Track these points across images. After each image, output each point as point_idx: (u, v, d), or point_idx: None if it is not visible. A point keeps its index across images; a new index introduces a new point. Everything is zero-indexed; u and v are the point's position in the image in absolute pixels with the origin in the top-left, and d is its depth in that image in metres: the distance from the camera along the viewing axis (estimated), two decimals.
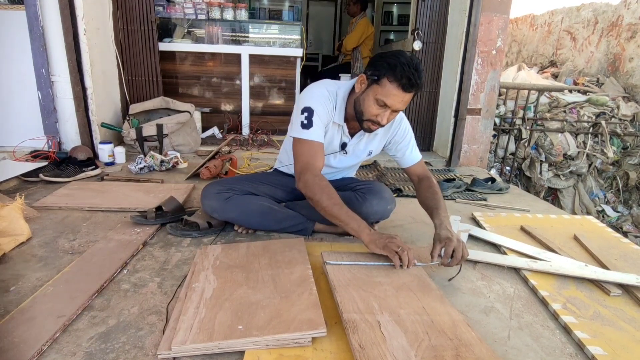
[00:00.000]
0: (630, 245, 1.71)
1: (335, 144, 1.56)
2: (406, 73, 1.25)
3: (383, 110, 1.33)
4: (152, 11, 2.99)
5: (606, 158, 3.54)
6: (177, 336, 0.93)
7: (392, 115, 1.37)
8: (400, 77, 1.26)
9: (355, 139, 1.55)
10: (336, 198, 1.32)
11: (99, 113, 2.74)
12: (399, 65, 1.26)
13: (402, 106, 1.34)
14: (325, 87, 1.45)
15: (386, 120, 1.36)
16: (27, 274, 1.26)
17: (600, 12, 4.35)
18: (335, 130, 1.52)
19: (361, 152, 1.60)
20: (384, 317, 1.03)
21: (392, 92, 1.28)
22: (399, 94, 1.28)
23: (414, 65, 1.27)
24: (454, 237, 1.28)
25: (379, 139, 1.59)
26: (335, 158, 1.61)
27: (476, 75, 2.96)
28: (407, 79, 1.26)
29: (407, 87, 1.27)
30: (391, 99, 1.30)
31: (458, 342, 0.96)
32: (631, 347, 1.05)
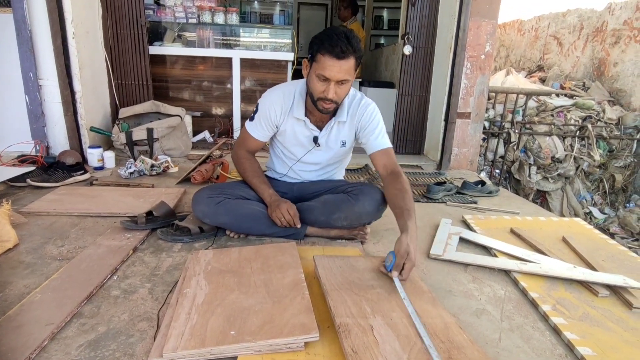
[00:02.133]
0: (617, 247, 1.74)
1: (302, 139, 1.60)
2: (334, 42, 1.31)
3: (326, 84, 1.37)
4: (142, 15, 2.97)
5: (593, 161, 3.60)
6: (168, 343, 0.92)
7: (340, 88, 1.39)
8: (330, 47, 1.32)
9: (324, 131, 1.58)
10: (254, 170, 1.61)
11: (88, 117, 2.71)
12: (327, 37, 1.33)
13: (343, 75, 1.35)
14: (282, 88, 1.58)
15: (332, 93, 1.37)
16: (14, 281, 1.23)
17: (586, 17, 4.44)
18: (298, 125, 1.57)
19: (334, 143, 1.61)
20: (376, 320, 1.03)
21: (327, 63, 1.33)
22: (334, 63, 1.33)
23: (342, 34, 1.33)
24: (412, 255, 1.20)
25: (348, 127, 1.59)
26: (312, 154, 1.63)
27: (465, 80, 3.00)
28: (337, 47, 1.31)
29: (340, 54, 1.32)
30: (328, 70, 1.34)
31: (450, 345, 0.96)
32: (619, 347, 1.07)
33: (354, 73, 1.39)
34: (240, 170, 1.65)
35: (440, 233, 1.76)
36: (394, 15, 6.33)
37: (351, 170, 2.82)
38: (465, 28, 2.84)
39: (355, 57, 1.36)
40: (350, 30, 1.37)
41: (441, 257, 1.53)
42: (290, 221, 1.51)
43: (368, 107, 1.58)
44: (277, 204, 1.52)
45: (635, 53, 3.78)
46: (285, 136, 1.61)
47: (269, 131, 1.61)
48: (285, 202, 1.52)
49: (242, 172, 1.64)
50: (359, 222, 1.59)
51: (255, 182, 1.60)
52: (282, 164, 1.73)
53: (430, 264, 1.51)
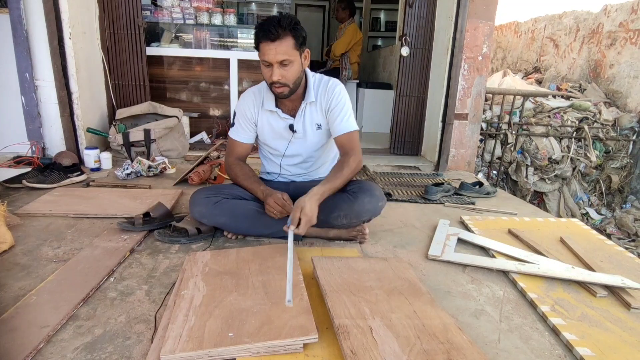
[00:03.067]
0: (615, 247, 1.74)
1: (279, 130, 1.62)
2: (265, 27, 1.36)
3: (271, 68, 1.42)
4: (139, 15, 2.96)
5: (589, 162, 3.62)
6: (165, 345, 0.91)
7: (284, 69, 1.41)
8: (262, 32, 1.38)
9: (298, 117, 1.59)
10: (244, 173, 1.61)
11: (84, 118, 2.70)
12: (260, 25, 1.39)
13: (281, 55, 1.38)
14: (252, 88, 1.66)
15: (277, 76, 1.41)
16: (10, 283, 1.22)
17: (582, 19, 4.46)
18: (271, 117, 1.61)
19: (310, 127, 1.61)
20: (375, 321, 1.03)
21: (264, 48, 1.39)
22: (269, 46, 1.38)
23: (274, 17, 1.38)
24: (307, 209, 1.32)
25: (318, 109, 1.59)
26: (293, 144, 1.64)
27: (463, 81, 3.00)
28: (266, 30, 1.36)
29: (271, 36, 1.36)
30: (266, 54, 1.39)
31: (449, 346, 0.96)
32: (618, 348, 1.07)
33: (295, 53, 1.41)
34: (233, 178, 1.65)
35: (439, 234, 1.75)
36: (391, 17, 6.35)
37: None
38: (463, 29, 2.85)
39: (292, 36, 1.39)
40: (286, 14, 1.42)
41: (439, 258, 1.53)
42: (282, 211, 1.45)
43: (335, 89, 1.58)
44: (268, 197, 1.49)
45: (631, 55, 3.81)
46: (263, 132, 1.64)
47: (251, 131, 1.64)
48: (275, 193, 1.48)
49: (235, 179, 1.64)
50: (359, 220, 1.59)
51: (247, 184, 1.59)
52: (271, 164, 1.75)
53: (428, 265, 1.51)
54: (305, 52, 1.47)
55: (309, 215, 1.31)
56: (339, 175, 1.47)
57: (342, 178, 1.47)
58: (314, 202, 1.35)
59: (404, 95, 3.33)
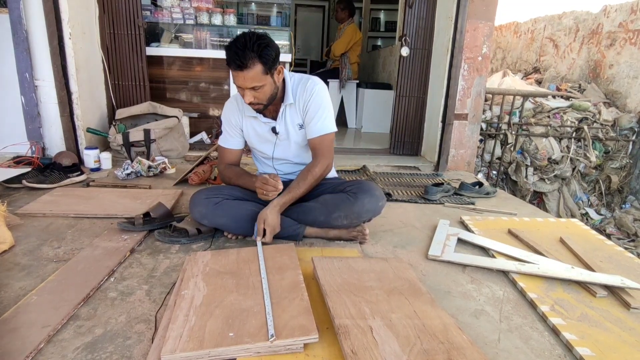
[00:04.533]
0: (614, 247, 1.75)
1: (263, 134, 1.64)
2: (231, 55, 1.34)
3: (242, 91, 1.43)
4: (139, 15, 2.96)
5: (589, 162, 3.62)
6: (166, 345, 0.91)
7: (256, 92, 1.42)
8: (230, 61, 1.36)
9: (279, 119, 1.60)
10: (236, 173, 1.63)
11: (84, 118, 2.70)
12: (228, 49, 1.36)
13: (250, 82, 1.38)
14: (233, 96, 1.67)
15: (249, 98, 1.42)
16: (10, 283, 1.22)
17: (581, 20, 4.47)
18: (255, 123, 1.63)
19: (291, 127, 1.61)
20: (375, 321, 1.03)
21: (233, 73, 1.39)
22: (238, 74, 1.38)
23: (240, 42, 1.34)
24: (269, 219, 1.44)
25: (295, 109, 1.58)
26: (278, 147, 1.66)
27: (463, 81, 3.01)
28: (233, 58, 1.34)
29: (238, 67, 1.35)
30: (237, 80, 1.40)
31: (449, 346, 0.96)
32: (618, 348, 1.07)
33: (264, 77, 1.39)
34: (227, 181, 1.68)
35: (439, 234, 1.76)
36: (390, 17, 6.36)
37: (349, 172, 2.82)
38: (463, 30, 2.85)
39: (261, 62, 1.35)
40: (252, 34, 1.36)
41: (439, 258, 1.53)
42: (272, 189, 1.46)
43: (313, 89, 1.55)
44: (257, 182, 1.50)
45: (631, 55, 3.81)
46: (250, 137, 1.66)
47: (238, 137, 1.67)
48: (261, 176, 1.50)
49: (229, 182, 1.66)
50: (359, 220, 1.59)
51: (240, 181, 1.61)
52: (264, 166, 1.77)
53: (428, 265, 1.51)
54: (278, 69, 1.45)
55: (272, 225, 1.44)
56: (302, 184, 1.53)
57: (305, 186, 1.53)
58: (274, 213, 1.46)
59: (404, 96, 3.34)
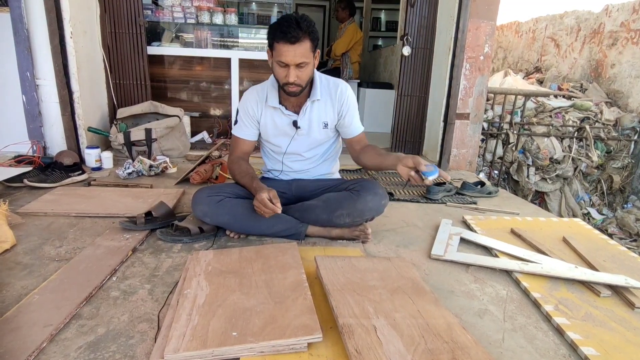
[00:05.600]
0: (617, 247, 1.74)
1: (282, 126, 1.62)
2: (285, 29, 1.36)
3: (286, 69, 1.43)
4: (140, 15, 2.96)
5: (591, 162, 3.61)
6: (169, 344, 0.90)
7: (300, 71, 1.43)
8: (282, 34, 1.37)
9: (302, 113, 1.60)
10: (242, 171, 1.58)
11: (85, 117, 2.69)
12: (278, 26, 1.38)
13: (299, 58, 1.40)
14: (255, 86, 1.67)
15: (293, 77, 1.43)
16: (12, 282, 1.22)
17: (583, 19, 4.46)
18: (275, 114, 1.62)
19: (315, 124, 1.63)
20: (379, 321, 1.03)
21: (282, 49, 1.39)
22: (288, 48, 1.38)
23: (293, 19, 1.37)
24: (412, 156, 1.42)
25: (329, 109, 1.62)
26: (296, 141, 1.65)
27: (464, 81, 3.00)
28: (287, 33, 1.36)
29: (291, 39, 1.36)
30: (284, 55, 1.39)
31: (454, 345, 0.95)
32: (622, 347, 1.07)
33: (311, 55, 1.43)
34: (232, 174, 1.66)
35: (441, 233, 1.75)
36: (391, 17, 6.35)
37: (350, 171, 2.81)
38: (464, 29, 2.85)
39: (310, 39, 1.40)
40: (302, 15, 1.41)
41: (442, 258, 1.53)
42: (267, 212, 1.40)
43: (347, 91, 1.63)
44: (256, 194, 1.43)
45: (632, 55, 3.80)
46: (267, 128, 1.64)
47: (254, 128, 1.65)
48: (261, 191, 1.41)
49: (234, 177, 1.64)
50: (362, 218, 1.58)
51: (243, 181, 1.57)
52: (273, 161, 1.75)
53: (431, 265, 1.50)
54: (317, 53, 1.49)
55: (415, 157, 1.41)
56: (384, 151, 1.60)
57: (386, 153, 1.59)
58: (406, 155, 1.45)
59: (405, 95, 3.33)
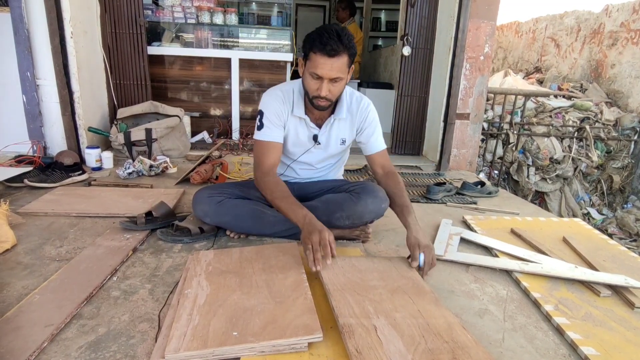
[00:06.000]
0: (617, 247, 1.74)
1: (303, 138, 1.58)
2: (325, 40, 1.30)
3: (320, 82, 1.37)
4: (140, 15, 2.96)
5: (591, 162, 3.61)
6: (170, 344, 0.91)
7: (333, 85, 1.38)
8: (321, 45, 1.31)
9: (324, 128, 1.57)
10: (280, 192, 1.41)
11: (85, 117, 2.69)
12: (318, 35, 1.32)
13: (335, 72, 1.34)
14: (280, 88, 1.55)
15: (326, 91, 1.37)
16: (12, 282, 1.22)
17: (583, 19, 4.46)
18: (299, 125, 1.56)
19: (334, 141, 1.61)
20: (379, 321, 1.03)
21: (319, 61, 1.33)
22: (325, 61, 1.32)
23: (334, 32, 1.31)
24: (430, 244, 1.33)
25: (349, 126, 1.59)
26: (311, 153, 1.62)
27: (465, 81, 3.00)
28: (327, 45, 1.30)
29: (330, 52, 1.31)
30: (320, 68, 1.33)
31: (454, 345, 0.96)
32: (622, 347, 1.07)
33: (347, 70, 1.38)
34: (269, 198, 1.44)
35: (441, 233, 1.75)
36: (391, 17, 6.35)
37: (350, 171, 2.81)
38: (465, 29, 2.85)
39: (348, 55, 1.35)
40: (342, 28, 1.36)
41: (442, 258, 1.53)
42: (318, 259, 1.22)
43: (369, 107, 1.60)
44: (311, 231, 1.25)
45: (632, 55, 3.80)
46: (288, 137, 1.57)
47: (282, 131, 1.53)
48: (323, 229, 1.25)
49: (269, 196, 1.43)
50: (361, 221, 1.58)
51: (284, 204, 1.37)
52: (281, 165, 1.72)
53: None
54: (351, 69, 1.42)
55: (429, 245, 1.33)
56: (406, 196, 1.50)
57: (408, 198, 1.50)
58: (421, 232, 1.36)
59: (406, 95, 3.33)
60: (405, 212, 1.43)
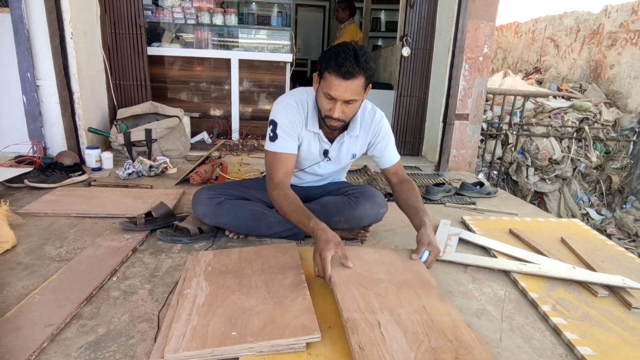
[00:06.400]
0: (615, 247, 1.75)
1: (314, 152, 1.54)
2: (341, 61, 1.25)
3: (333, 102, 1.32)
4: (140, 15, 2.96)
5: (590, 162, 3.62)
6: (169, 344, 0.91)
7: (347, 107, 1.33)
8: (336, 66, 1.26)
9: (335, 143, 1.53)
10: (289, 204, 1.35)
11: (85, 118, 2.70)
12: (334, 55, 1.26)
13: (349, 95, 1.29)
14: (293, 97, 1.47)
15: (338, 113, 1.32)
16: (12, 282, 1.23)
17: (582, 20, 4.47)
18: (312, 138, 1.51)
19: (344, 156, 1.58)
20: (384, 316, 1.02)
21: (333, 82, 1.28)
22: (340, 83, 1.27)
23: (351, 52, 1.26)
24: (437, 246, 1.32)
25: (361, 141, 1.56)
26: (320, 167, 1.60)
27: (464, 81, 3.01)
28: (343, 67, 1.25)
29: (346, 75, 1.26)
30: (334, 89, 1.29)
31: (458, 344, 0.95)
32: (619, 347, 1.08)
33: (362, 92, 1.33)
34: (280, 212, 1.40)
35: (440, 234, 1.76)
36: (391, 17, 6.35)
37: (350, 171, 2.82)
38: (464, 30, 2.86)
39: (365, 76, 1.29)
40: (361, 47, 1.30)
41: (441, 258, 1.53)
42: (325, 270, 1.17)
43: (382, 121, 1.55)
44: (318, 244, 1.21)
45: (632, 55, 3.81)
46: (300, 149, 1.52)
47: (296, 140, 1.47)
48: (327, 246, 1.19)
49: (280, 209, 1.38)
50: (359, 225, 1.59)
51: (296, 216, 1.33)
52: None
53: None
54: (367, 89, 1.37)
55: (437, 246, 1.32)
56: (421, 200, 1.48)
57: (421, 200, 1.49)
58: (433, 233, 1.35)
59: (405, 96, 3.34)
60: (421, 213, 1.40)
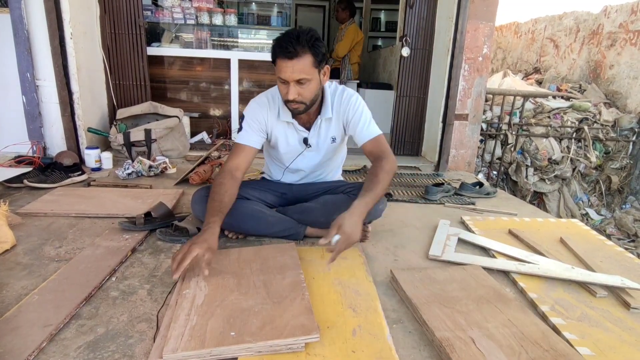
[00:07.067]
0: (614, 248, 1.75)
1: (293, 142, 1.58)
2: (284, 43, 1.30)
3: (286, 86, 1.36)
4: (140, 15, 2.96)
5: (589, 162, 3.62)
6: (168, 344, 0.91)
7: (302, 88, 1.35)
8: (279, 49, 1.32)
9: (313, 130, 1.56)
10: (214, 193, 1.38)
11: (85, 118, 2.70)
12: (278, 40, 1.33)
13: (297, 74, 1.32)
14: (267, 94, 1.55)
15: (293, 94, 1.36)
16: (11, 283, 1.22)
17: (582, 20, 4.47)
18: (288, 129, 1.56)
19: (323, 141, 1.59)
20: (474, 332, 1.02)
21: (280, 65, 1.33)
22: (286, 63, 1.32)
23: (294, 34, 1.31)
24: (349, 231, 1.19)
25: (335, 122, 1.55)
26: (304, 157, 1.62)
27: (463, 82, 3.01)
28: (285, 48, 1.30)
29: (289, 54, 1.30)
30: (282, 71, 1.34)
31: (555, 354, 0.95)
32: (618, 347, 1.08)
33: (314, 71, 1.35)
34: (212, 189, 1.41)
35: (439, 234, 1.76)
36: (391, 17, 6.35)
37: (349, 172, 2.82)
38: (463, 30, 2.86)
39: (312, 53, 1.32)
40: (307, 29, 1.34)
41: (440, 258, 1.54)
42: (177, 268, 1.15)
43: (351, 99, 1.53)
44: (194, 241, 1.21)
45: (631, 56, 3.81)
46: (278, 143, 1.58)
47: (260, 136, 1.53)
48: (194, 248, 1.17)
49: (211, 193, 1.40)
50: None
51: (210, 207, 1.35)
52: (277, 169, 1.74)
53: (429, 265, 1.51)
54: (324, 69, 1.40)
55: (348, 232, 1.18)
56: (375, 180, 1.36)
57: (381, 183, 1.36)
58: (354, 217, 1.22)
59: (404, 96, 3.34)
60: (362, 194, 1.32)
